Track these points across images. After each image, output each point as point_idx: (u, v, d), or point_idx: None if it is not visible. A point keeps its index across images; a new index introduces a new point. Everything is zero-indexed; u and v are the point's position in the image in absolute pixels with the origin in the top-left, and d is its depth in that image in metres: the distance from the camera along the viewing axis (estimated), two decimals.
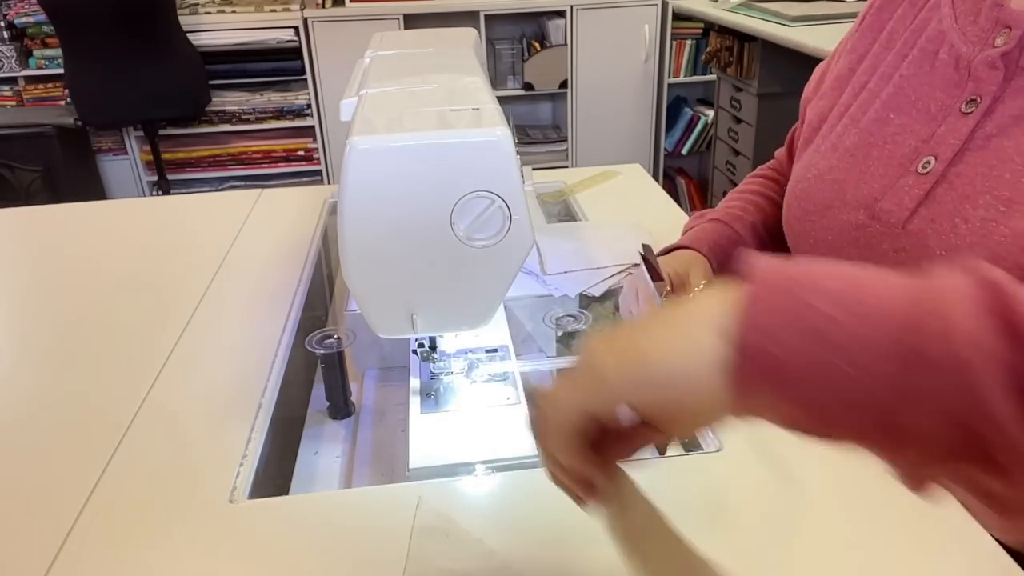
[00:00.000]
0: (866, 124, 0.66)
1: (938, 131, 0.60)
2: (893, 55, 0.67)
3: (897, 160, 0.62)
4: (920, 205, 0.59)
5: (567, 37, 3.13)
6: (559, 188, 1.24)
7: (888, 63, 0.67)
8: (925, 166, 0.60)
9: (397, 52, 0.84)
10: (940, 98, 0.61)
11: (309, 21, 3.00)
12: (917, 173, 0.60)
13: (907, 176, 0.61)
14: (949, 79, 0.61)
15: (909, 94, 0.63)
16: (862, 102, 0.68)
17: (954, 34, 0.61)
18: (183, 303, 0.91)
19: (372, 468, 0.77)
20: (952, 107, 0.60)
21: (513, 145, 0.58)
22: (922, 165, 0.60)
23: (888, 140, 0.64)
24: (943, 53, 0.62)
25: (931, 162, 0.59)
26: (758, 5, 2.52)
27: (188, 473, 0.64)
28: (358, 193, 0.57)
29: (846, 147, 0.67)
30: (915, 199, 0.59)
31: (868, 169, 0.64)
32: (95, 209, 1.25)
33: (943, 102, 0.60)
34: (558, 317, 0.85)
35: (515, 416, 0.71)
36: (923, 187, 0.59)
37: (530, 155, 3.28)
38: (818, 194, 0.68)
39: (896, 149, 0.63)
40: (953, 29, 0.62)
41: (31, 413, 0.74)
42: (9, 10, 2.91)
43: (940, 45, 0.62)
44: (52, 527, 0.59)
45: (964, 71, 0.59)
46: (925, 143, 0.60)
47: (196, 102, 2.98)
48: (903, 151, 0.62)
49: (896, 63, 0.66)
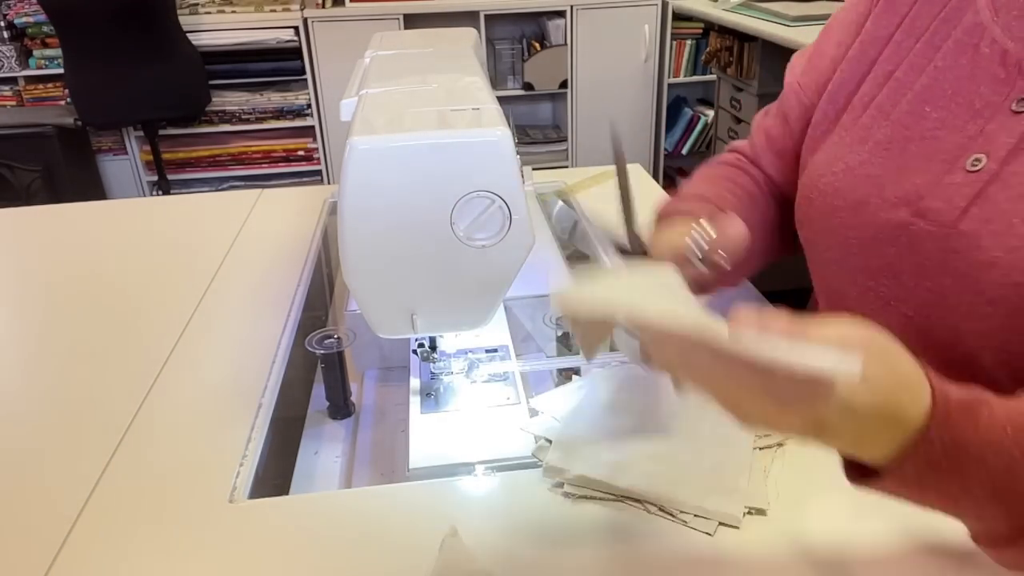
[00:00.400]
0: (899, 117, 0.64)
1: (987, 128, 0.58)
2: (923, 44, 0.64)
3: (940, 156, 0.60)
4: (972, 204, 0.57)
5: (567, 37, 3.13)
6: (559, 188, 1.24)
7: (917, 52, 0.64)
8: (975, 163, 0.57)
9: (397, 52, 0.84)
10: (985, 94, 0.59)
11: (309, 21, 3.00)
12: (966, 171, 0.58)
13: (954, 173, 0.58)
14: (994, 75, 0.58)
15: (946, 88, 0.61)
16: (891, 93, 0.65)
17: (996, 28, 0.59)
18: (183, 303, 0.91)
19: (372, 468, 0.77)
20: (1000, 104, 0.58)
21: (513, 145, 0.58)
22: (971, 162, 0.58)
23: (927, 135, 0.61)
24: (984, 47, 0.60)
25: (982, 160, 0.57)
26: (758, 5, 2.52)
27: (188, 473, 0.64)
28: (358, 193, 0.57)
29: (877, 140, 0.65)
30: (966, 197, 0.57)
31: (907, 164, 0.62)
32: (95, 209, 1.25)
33: (988, 99, 0.58)
34: (558, 317, 0.85)
35: (515, 416, 0.71)
36: (975, 185, 0.57)
37: (530, 155, 3.28)
38: (849, 190, 0.65)
39: (937, 144, 0.60)
40: (994, 23, 0.60)
41: (31, 413, 0.74)
42: (9, 10, 2.91)
43: (980, 39, 0.60)
44: (52, 527, 0.59)
45: (1013, 68, 0.58)
46: (972, 140, 0.58)
47: (196, 102, 2.98)
48: (946, 147, 0.60)
49: (927, 53, 0.63)
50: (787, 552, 0.54)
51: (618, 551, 0.55)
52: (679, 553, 0.54)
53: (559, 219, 1.22)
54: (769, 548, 0.55)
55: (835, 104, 0.70)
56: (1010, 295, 0.54)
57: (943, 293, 0.59)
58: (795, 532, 0.56)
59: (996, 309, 0.55)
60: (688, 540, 0.56)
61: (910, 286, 0.61)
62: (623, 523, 0.57)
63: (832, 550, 0.54)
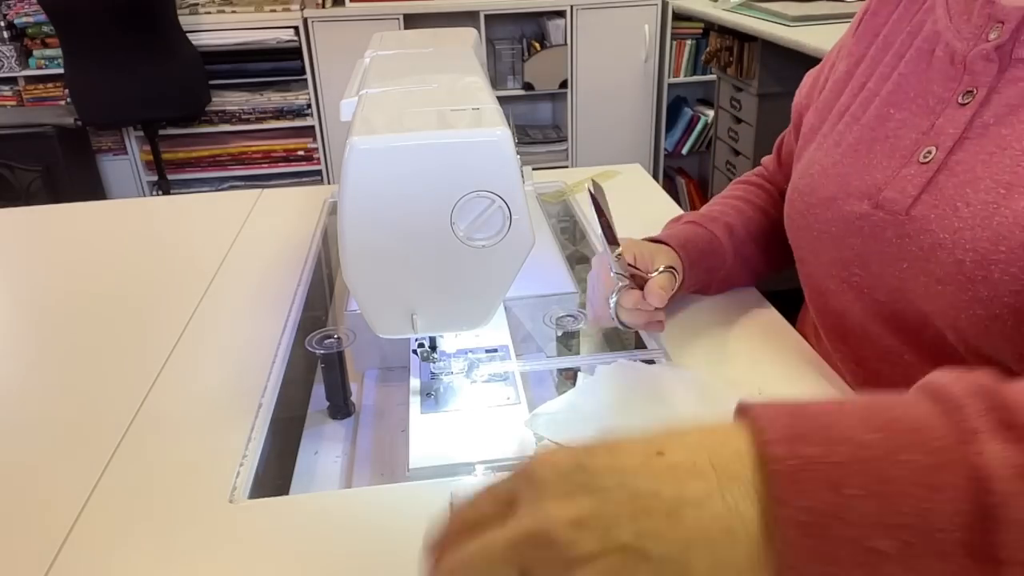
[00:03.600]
0: (867, 120, 0.68)
1: (937, 123, 0.62)
2: (891, 55, 0.69)
3: (899, 152, 0.64)
4: (923, 192, 0.61)
5: (567, 37, 3.13)
6: (559, 188, 1.24)
7: (886, 63, 0.69)
8: (927, 156, 0.62)
9: (397, 52, 0.84)
10: (937, 92, 0.63)
11: (309, 21, 3.00)
12: (919, 163, 0.62)
13: (909, 166, 0.63)
14: (945, 74, 0.63)
15: (908, 91, 0.66)
16: (862, 100, 0.70)
17: (949, 33, 0.64)
18: (183, 303, 0.91)
19: (372, 468, 0.77)
20: (949, 99, 0.62)
21: (513, 145, 0.58)
22: (923, 155, 0.62)
23: (890, 134, 0.66)
24: (939, 51, 0.64)
25: (932, 151, 0.61)
26: (758, 5, 2.52)
27: (188, 473, 0.64)
28: (358, 193, 0.57)
29: (849, 143, 0.69)
30: (918, 187, 0.61)
31: (871, 162, 0.66)
32: (95, 209, 1.25)
33: (940, 95, 0.63)
34: (558, 317, 0.85)
35: (515, 416, 0.71)
36: (925, 175, 0.61)
37: (530, 155, 3.28)
38: (822, 188, 0.70)
39: (898, 142, 0.65)
40: (948, 28, 0.64)
41: (31, 413, 0.74)
42: (9, 10, 2.91)
43: (936, 44, 0.65)
44: (52, 527, 0.59)
45: (960, 65, 0.62)
46: (925, 135, 0.63)
47: (196, 102, 2.98)
48: (905, 143, 0.64)
49: (894, 63, 0.69)
50: None
51: None
52: None
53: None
54: None
55: (819, 117, 0.76)
56: (955, 273, 0.57)
57: (903, 277, 0.62)
58: None
59: (945, 287, 0.58)
60: None
61: (877, 273, 0.65)
62: None
63: None
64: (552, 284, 0.92)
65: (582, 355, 0.85)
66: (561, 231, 1.21)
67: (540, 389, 0.86)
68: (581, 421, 0.67)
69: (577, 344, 0.86)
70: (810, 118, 0.77)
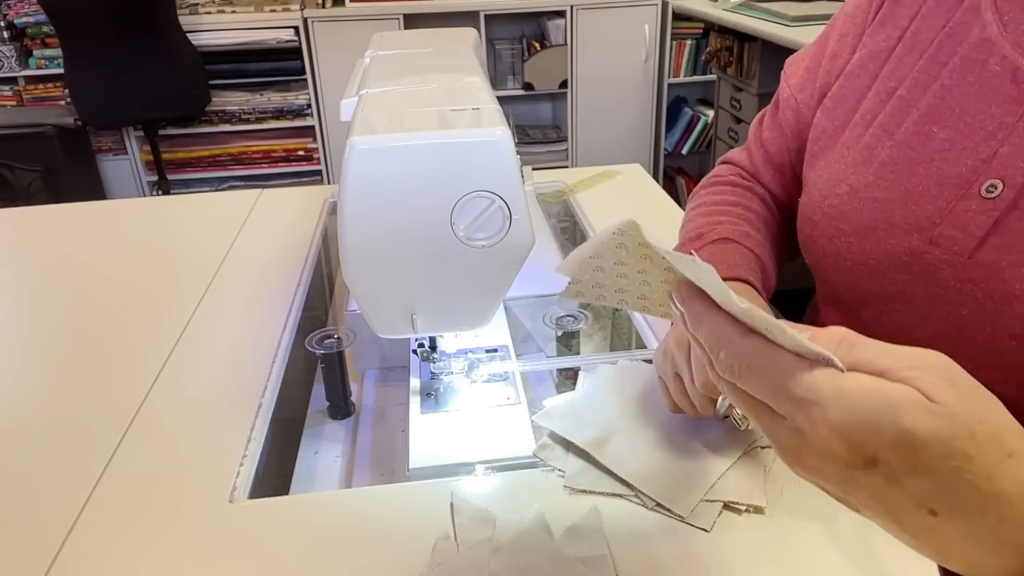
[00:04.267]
0: (904, 137, 0.61)
1: (1000, 151, 0.55)
2: (926, 61, 0.61)
3: (951, 180, 0.57)
4: (990, 233, 0.54)
5: (567, 37, 3.13)
6: (559, 188, 1.24)
7: (921, 69, 0.61)
8: (991, 190, 0.55)
9: (397, 52, 0.84)
10: (997, 115, 0.55)
11: (309, 21, 3.00)
12: (981, 197, 0.55)
13: (969, 200, 0.56)
14: (1006, 94, 0.55)
15: (953, 107, 0.58)
16: (894, 111, 0.62)
17: (1005, 44, 0.56)
18: (183, 303, 0.91)
19: (372, 468, 0.77)
20: (1013, 126, 0.55)
21: (513, 145, 0.58)
22: (986, 189, 0.55)
23: (935, 157, 0.58)
24: (994, 65, 0.57)
25: (998, 186, 0.54)
26: (758, 5, 2.52)
27: (188, 473, 0.64)
28: (358, 193, 0.57)
29: (882, 161, 0.62)
30: (983, 226, 0.54)
31: (915, 188, 0.59)
32: (95, 209, 1.25)
33: (1000, 119, 0.55)
34: (558, 317, 0.85)
35: (515, 416, 0.71)
36: (992, 214, 0.54)
37: (530, 155, 3.28)
38: (855, 213, 0.62)
39: (947, 167, 0.58)
40: (1003, 38, 0.56)
41: (31, 413, 0.74)
42: (9, 10, 2.91)
43: (988, 56, 0.57)
44: (52, 527, 0.59)
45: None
46: (986, 164, 0.55)
47: (196, 102, 2.98)
48: (957, 170, 0.57)
49: (932, 70, 0.61)
50: (786, 550, 0.54)
51: (616, 550, 0.55)
52: (676, 551, 0.54)
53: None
54: (767, 546, 0.55)
55: (834, 120, 0.68)
56: None
57: (960, 324, 0.57)
58: (794, 531, 0.56)
59: (1019, 343, 0.53)
60: (686, 537, 0.56)
61: (924, 314, 0.59)
62: (621, 522, 0.57)
63: (831, 549, 0.54)
64: (552, 284, 0.92)
65: (582, 355, 0.85)
66: (561, 231, 1.21)
67: (540, 389, 0.86)
68: (588, 417, 0.67)
69: (577, 344, 0.86)
70: (822, 120, 0.69)
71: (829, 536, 0.55)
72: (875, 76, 0.65)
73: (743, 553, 0.54)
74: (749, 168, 0.81)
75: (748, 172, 0.81)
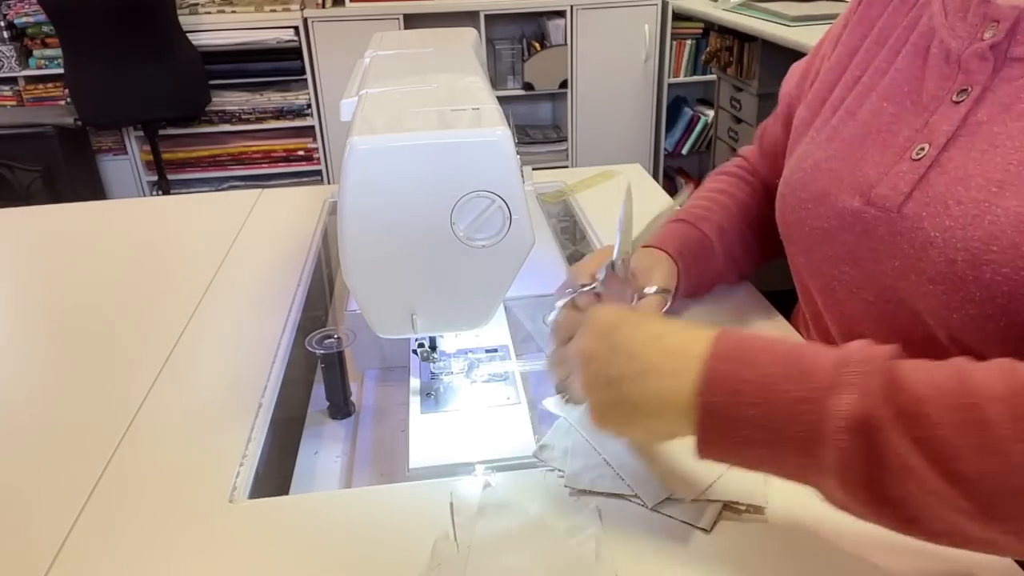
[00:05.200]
0: (862, 115, 0.68)
1: (931, 120, 0.62)
2: (887, 50, 0.69)
3: (892, 149, 0.64)
4: (915, 189, 0.61)
5: (567, 37, 3.13)
6: (559, 188, 1.24)
7: (882, 58, 0.69)
8: (919, 152, 0.61)
9: (397, 52, 0.84)
10: (931, 89, 0.63)
11: (309, 21, 3.00)
12: (911, 159, 0.62)
13: (902, 163, 0.63)
14: (940, 72, 0.63)
15: (903, 86, 0.66)
16: (857, 95, 0.69)
17: (944, 30, 0.64)
18: (183, 303, 0.91)
19: (372, 468, 0.77)
20: (943, 98, 0.62)
21: (513, 145, 0.58)
22: (916, 152, 0.62)
23: (883, 129, 0.65)
24: (934, 48, 0.64)
25: (925, 148, 0.61)
26: (758, 5, 2.52)
27: (188, 473, 0.64)
28: (358, 193, 0.57)
29: (843, 138, 0.68)
30: (910, 183, 0.61)
31: (864, 157, 0.66)
32: (95, 209, 1.25)
33: (934, 93, 0.63)
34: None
35: (515, 416, 0.71)
36: (917, 172, 0.61)
37: (530, 155, 3.29)
38: (814, 183, 0.69)
39: (891, 138, 0.64)
40: (943, 26, 0.64)
41: (31, 413, 0.74)
42: (9, 10, 2.91)
43: (931, 40, 0.65)
44: (52, 527, 0.59)
45: (955, 64, 0.62)
46: (919, 132, 0.62)
47: (196, 102, 2.98)
48: (898, 140, 0.64)
49: (890, 58, 0.68)
50: (785, 551, 0.54)
51: (617, 549, 0.55)
52: (676, 551, 0.54)
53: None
54: (766, 546, 0.55)
55: (812, 110, 0.75)
56: (947, 272, 0.57)
57: (894, 275, 0.62)
58: (794, 530, 0.56)
59: (936, 287, 0.58)
60: (685, 537, 0.56)
61: (868, 271, 0.65)
62: (622, 521, 0.57)
63: (831, 548, 0.54)
64: (552, 284, 0.91)
65: None
66: (561, 231, 1.21)
67: (540, 389, 0.86)
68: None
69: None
70: (802, 112, 0.76)
71: (828, 537, 0.55)
72: (846, 68, 0.73)
73: (742, 553, 0.54)
74: (752, 160, 0.90)
75: (750, 164, 0.90)
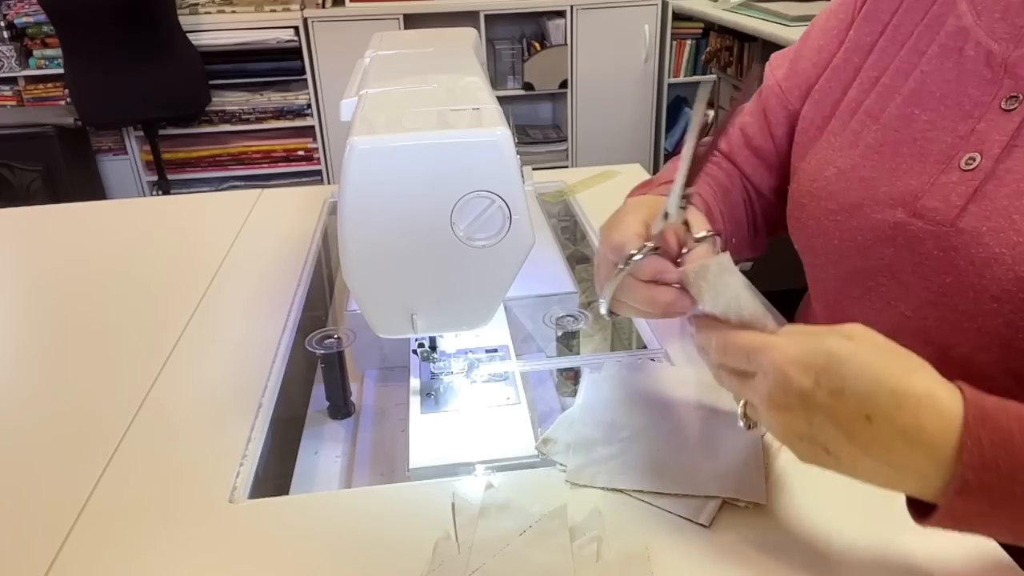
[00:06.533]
0: (888, 120, 0.65)
1: (978, 127, 0.59)
2: (908, 51, 0.66)
3: (933, 156, 0.61)
4: (970, 201, 0.57)
5: (567, 37, 3.13)
6: (559, 188, 1.24)
7: (902, 58, 0.66)
8: (970, 162, 0.58)
9: (397, 52, 0.84)
10: (973, 95, 0.60)
11: (309, 21, 3.00)
12: (961, 169, 0.58)
13: (950, 172, 0.59)
14: (980, 76, 0.60)
15: (934, 91, 0.62)
16: (878, 97, 0.66)
17: (979, 31, 0.61)
18: (183, 303, 0.91)
19: (372, 468, 0.77)
20: (989, 104, 0.59)
21: (513, 145, 0.58)
22: (966, 161, 0.58)
23: (918, 137, 0.62)
24: (969, 50, 0.61)
25: (976, 158, 0.58)
26: (758, 5, 2.52)
27: (188, 473, 0.64)
28: (358, 193, 0.57)
29: (868, 144, 0.65)
30: (963, 196, 0.58)
31: (899, 166, 0.63)
32: (95, 209, 1.25)
33: (977, 99, 0.59)
34: (558, 317, 0.85)
35: (515, 416, 0.71)
36: (971, 183, 0.58)
37: (530, 155, 3.29)
38: (842, 193, 0.66)
39: (929, 145, 0.61)
40: (977, 26, 0.61)
41: (31, 413, 0.74)
42: (9, 10, 2.91)
43: (964, 42, 0.61)
44: (52, 527, 0.59)
45: (999, 68, 0.59)
46: (964, 139, 0.59)
47: (196, 102, 2.98)
48: (938, 147, 0.61)
49: (912, 59, 0.65)
50: (785, 547, 0.54)
51: (617, 546, 0.55)
52: (675, 547, 0.54)
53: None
54: (766, 542, 0.55)
55: (821, 111, 0.71)
56: (1014, 290, 0.54)
57: (944, 292, 0.59)
58: (793, 527, 0.56)
59: (1001, 305, 0.55)
60: (685, 533, 0.56)
61: (909, 285, 0.62)
62: (622, 519, 0.57)
63: (831, 545, 0.54)
64: (552, 284, 0.92)
65: (582, 355, 0.85)
66: (561, 231, 1.21)
67: (540, 389, 0.86)
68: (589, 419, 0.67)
69: (577, 344, 0.86)
70: (809, 112, 0.73)
71: (828, 533, 0.55)
72: (859, 68, 0.69)
73: (742, 549, 0.54)
74: (723, 150, 0.83)
75: (722, 153, 0.83)
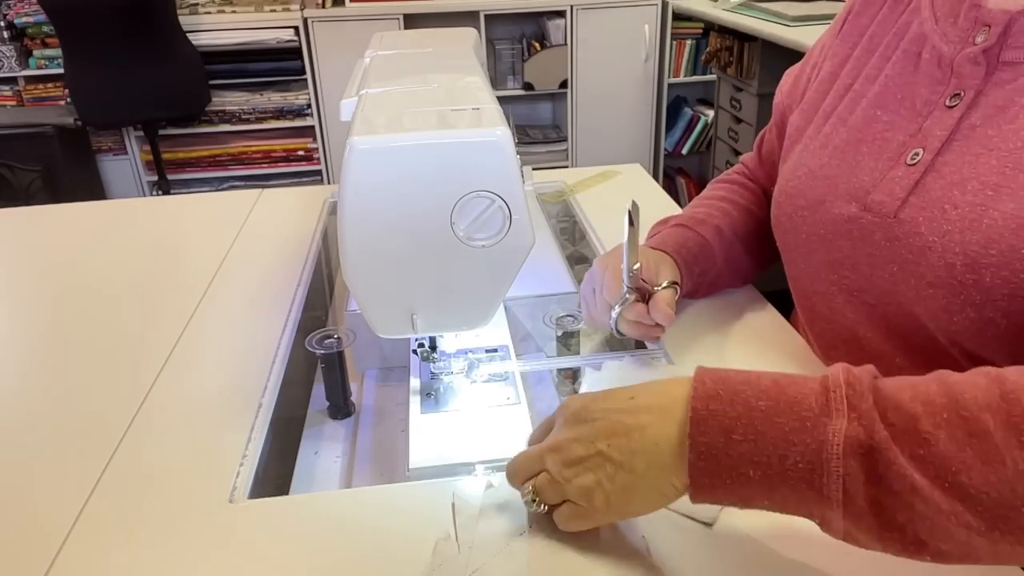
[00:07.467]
0: (854, 122, 0.68)
1: (924, 125, 0.62)
2: (877, 57, 0.69)
3: (887, 154, 0.64)
4: (910, 194, 0.61)
5: (567, 37, 3.13)
6: (559, 188, 1.24)
7: (872, 65, 0.69)
8: (914, 157, 0.62)
9: (397, 52, 0.84)
10: (924, 95, 0.63)
11: (309, 21, 3.00)
12: (906, 164, 0.62)
13: (897, 168, 0.63)
14: (932, 77, 0.63)
15: (895, 92, 0.66)
16: (849, 102, 0.70)
17: (935, 36, 0.64)
18: (183, 303, 0.91)
19: (372, 468, 0.77)
20: (937, 102, 0.62)
21: (513, 145, 0.58)
22: (911, 157, 0.62)
23: (877, 136, 0.66)
24: (926, 53, 0.64)
25: (919, 153, 0.61)
26: (758, 5, 2.52)
27: (188, 473, 0.64)
28: (358, 193, 0.57)
29: (836, 145, 0.69)
30: (905, 188, 0.61)
31: (859, 164, 0.66)
32: (95, 209, 1.25)
33: (927, 98, 0.63)
34: (558, 317, 0.85)
35: (515, 416, 0.71)
36: (912, 177, 0.61)
37: (530, 155, 3.28)
38: (810, 190, 0.70)
39: (885, 144, 0.65)
40: (934, 31, 0.64)
41: (31, 413, 0.74)
42: (9, 10, 2.91)
43: (922, 46, 0.65)
44: (52, 527, 0.59)
45: (947, 68, 0.62)
46: (913, 137, 0.63)
47: (196, 102, 2.98)
48: (892, 146, 0.64)
49: (880, 64, 0.69)
50: (789, 545, 0.54)
51: (617, 547, 0.55)
52: (678, 545, 0.54)
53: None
54: (770, 541, 0.55)
55: (805, 118, 0.75)
56: (946, 276, 0.57)
57: (893, 280, 0.62)
58: (797, 525, 0.56)
59: (936, 291, 0.58)
60: (688, 532, 0.56)
61: (867, 275, 0.65)
62: None
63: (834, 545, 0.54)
64: (552, 284, 0.92)
65: (582, 355, 0.85)
66: (561, 231, 1.21)
67: (540, 389, 0.86)
68: None
69: (577, 344, 0.86)
70: (795, 119, 0.77)
71: None
72: (837, 76, 0.73)
73: (746, 548, 0.54)
74: (750, 167, 0.92)
75: (750, 171, 0.91)
